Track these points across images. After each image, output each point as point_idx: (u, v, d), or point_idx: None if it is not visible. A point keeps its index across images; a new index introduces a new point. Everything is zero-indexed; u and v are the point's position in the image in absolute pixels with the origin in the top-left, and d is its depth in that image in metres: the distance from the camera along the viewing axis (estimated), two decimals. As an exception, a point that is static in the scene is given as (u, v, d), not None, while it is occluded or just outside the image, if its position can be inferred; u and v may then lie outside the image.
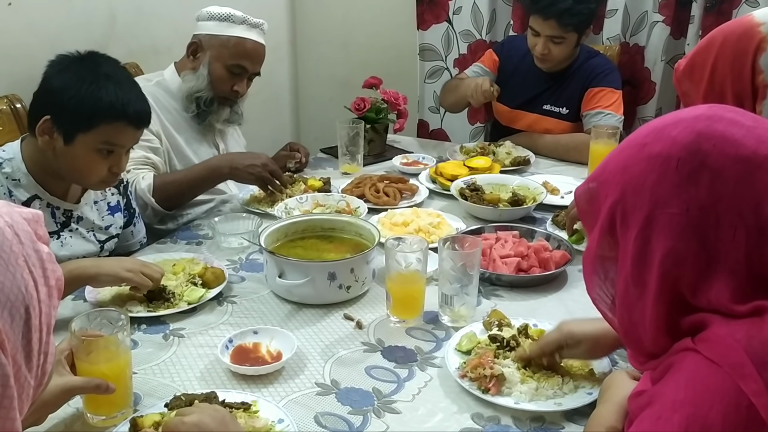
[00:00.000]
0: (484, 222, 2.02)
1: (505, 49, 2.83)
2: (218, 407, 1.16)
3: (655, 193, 0.84)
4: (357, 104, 2.65)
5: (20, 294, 0.65)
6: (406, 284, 1.54)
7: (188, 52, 2.23)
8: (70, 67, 1.61)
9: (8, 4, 2.21)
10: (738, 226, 0.81)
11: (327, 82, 3.71)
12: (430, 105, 3.44)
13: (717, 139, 0.82)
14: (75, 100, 1.56)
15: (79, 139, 1.58)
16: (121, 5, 2.60)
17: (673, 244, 0.83)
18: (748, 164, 0.81)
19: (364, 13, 3.57)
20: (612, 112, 2.58)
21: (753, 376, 0.76)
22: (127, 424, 1.19)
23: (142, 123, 1.65)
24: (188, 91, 2.20)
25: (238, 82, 2.22)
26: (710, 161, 0.81)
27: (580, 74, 2.65)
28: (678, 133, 0.84)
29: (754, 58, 1.29)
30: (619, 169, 0.89)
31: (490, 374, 1.30)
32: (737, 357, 0.77)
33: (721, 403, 0.77)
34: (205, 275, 1.67)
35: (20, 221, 0.68)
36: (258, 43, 2.22)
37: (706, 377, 0.79)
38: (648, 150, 0.86)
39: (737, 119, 0.84)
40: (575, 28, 2.50)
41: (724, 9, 2.84)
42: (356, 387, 1.35)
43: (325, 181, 2.28)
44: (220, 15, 2.18)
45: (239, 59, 2.19)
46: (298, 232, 1.80)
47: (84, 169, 1.63)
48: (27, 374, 0.67)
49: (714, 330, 0.81)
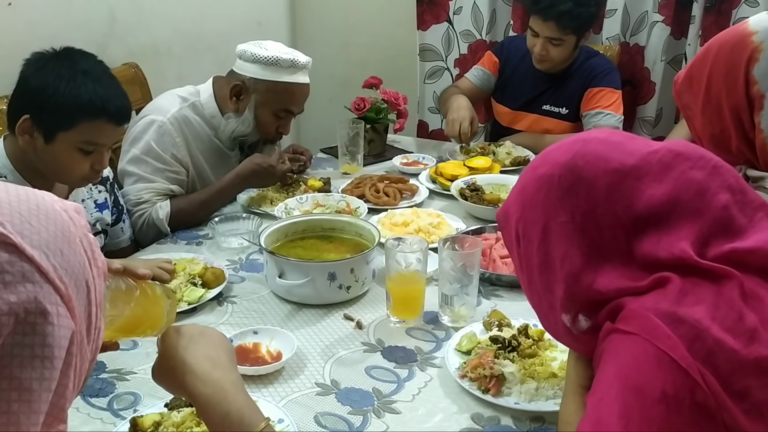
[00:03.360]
0: (484, 222, 2.02)
1: (505, 49, 2.83)
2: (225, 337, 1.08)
3: (546, 207, 0.98)
4: (357, 104, 2.65)
5: (81, 269, 0.68)
6: (406, 284, 1.54)
7: (231, 92, 2.13)
8: (47, 65, 1.59)
9: (8, 4, 2.21)
10: (616, 226, 0.94)
11: (327, 82, 3.70)
12: (429, 105, 3.44)
13: (590, 156, 0.97)
14: (54, 99, 1.54)
15: (60, 137, 1.57)
16: (121, 5, 2.60)
17: (567, 248, 0.96)
18: (616, 174, 0.94)
19: (364, 13, 3.57)
20: (612, 112, 2.58)
21: (667, 334, 0.85)
22: (127, 424, 1.19)
23: (122, 120, 1.64)
24: (232, 134, 2.17)
25: (283, 125, 2.21)
26: (584, 174, 0.96)
27: (580, 74, 2.65)
28: (559, 155, 0.99)
29: (747, 69, 1.28)
30: (519, 191, 1.04)
31: (490, 374, 1.30)
32: (650, 322, 0.87)
33: (646, 365, 0.85)
34: (205, 275, 1.67)
35: (70, 209, 0.72)
36: (305, 84, 2.17)
37: (628, 348, 0.88)
38: (538, 171, 1.01)
39: (608, 138, 1.00)
40: (574, 31, 2.50)
41: (724, 9, 2.84)
42: (356, 387, 1.35)
43: (325, 181, 2.28)
44: (267, 59, 2.08)
45: (287, 104, 2.16)
46: (298, 232, 1.80)
47: (66, 167, 1.62)
48: (86, 347, 0.70)
49: (627, 307, 0.91)
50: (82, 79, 1.56)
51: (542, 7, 2.48)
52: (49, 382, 0.63)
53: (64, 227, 0.68)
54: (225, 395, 0.95)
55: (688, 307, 0.87)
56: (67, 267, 0.66)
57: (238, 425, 0.93)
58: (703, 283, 0.89)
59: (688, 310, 0.86)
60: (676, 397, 0.83)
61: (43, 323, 0.63)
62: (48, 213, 0.67)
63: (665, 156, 0.95)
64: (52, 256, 0.65)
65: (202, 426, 1.16)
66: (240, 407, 0.94)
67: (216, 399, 0.94)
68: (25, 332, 0.62)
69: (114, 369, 1.38)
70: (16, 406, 0.61)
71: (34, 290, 0.63)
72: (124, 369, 1.39)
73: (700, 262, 0.89)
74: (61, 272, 0.65)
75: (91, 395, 1.31)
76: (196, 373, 0.96)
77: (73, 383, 0.68)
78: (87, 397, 1.31)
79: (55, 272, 0.65)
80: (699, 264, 0.89)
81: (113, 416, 1.26)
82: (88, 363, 0.72)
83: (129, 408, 1.28)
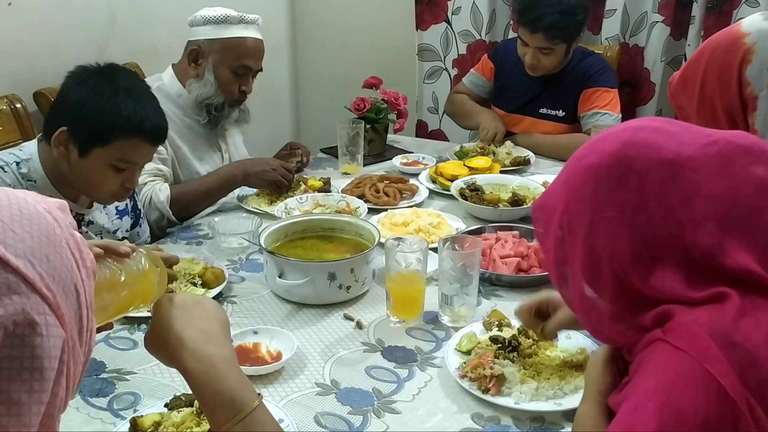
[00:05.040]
0: (484, 222, 2.02)
1: (499, 54, 2.83)
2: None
3: (593, 200, 0.92)
4: (357, 104, 2.65)
5: (69, 273, 0.67)
6: (406, 284, 1.54)
7: (189, 59, 2.20)
8: (89, 79, 1.60)
9: (8, 4, 2.21)
10: (671, 222, 0.87)
11: (327, 82, 3.71)
12: (428, 105, 3.44)
13: (641, 146, 0.90)
14: (93, 114, 1.55)
15: (94, 152, 1.58)
16: (121, 5, 2.60)
17: (616, 244, 0.90)
18: (671, 165, 0.88)
19: (364, 13, 3.57)
20: (609, 111, 2.58)
21: (718, 358, 0.80)
22: (127, 424, 1.19)
23: (158, 139, 1.65)
24: (197, 99, 2.19)
25: (244, 82, 2.22)
26: (635, 165, 0.89)
27: (575, 76, 2.65)
28: (607, 145, 0.93)
29: (739, 71, 1.28)
30: (563, 182, 0.98)
31: (490, 374, 1.30)
32: (702, 341, 0.81)
33: (691, 387, 0.80)
34: (205, 275, 1.67)
35: (54, 208, 0.70)
36: (257, 39, 2.22)
37: (674, 364, 0.83)
38: (584, 162, 0.94)
39: (661, 127, 0.93)
40: (563, 40, 2.51)
41: (725, 9, 2.83)
42: (356, 387, 1.35)
43: (325, 181, 2.28)
44: (216, 18, 2.16)
45: (243, 59, 2.19)
46: (298, 232, 1.80)
47: (96, 182, 1.63)
48: (79, 350, 0.69)
49: (678, 318, 0.85)
50: (122, 96, 1.57)
51: (530, 20, 2.49)
52: (39, 395, 0.62)
53: (49, 231, 0.66)
54: (217, 373, 0.92)
55: (746, 331, 0.81)
56: (54, 273, 0.65)
57: (230, 404, 0.91)
58: (764, 304, 0.83)
59: (745, 334, 0.81)
60: (718, 425, 0.78)
61: (32, 335, 0.61)
62: (32, 217, 0.66)
63: (724, 148, 0.89)
64: (38, 263, 0.63)
65: (202, 426, 1.16)
66: (232, 386, 0.92)
67: (208, 377, 0.92)
68: (14, 344, 0.60)
69: (114, 369, 1.39)
70: (5, 420, 0.60)
71: (21, 302, 0.61)
72: (124, 369, 1.39)
73: (763, 277, 0.84)
74: (48, 280, 0.64)
75: (91, 395, 1.31)
76: (188, 347, 0.93)
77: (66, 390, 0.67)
78: (87, 397, 1.30)
79: (41, 281, 0.63)
80: (763, 280, 0.84)
81: (113, 416, 1.26)
82: (82, 365, 0.71)
83: (129, 408, 1.28)
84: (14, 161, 1.64)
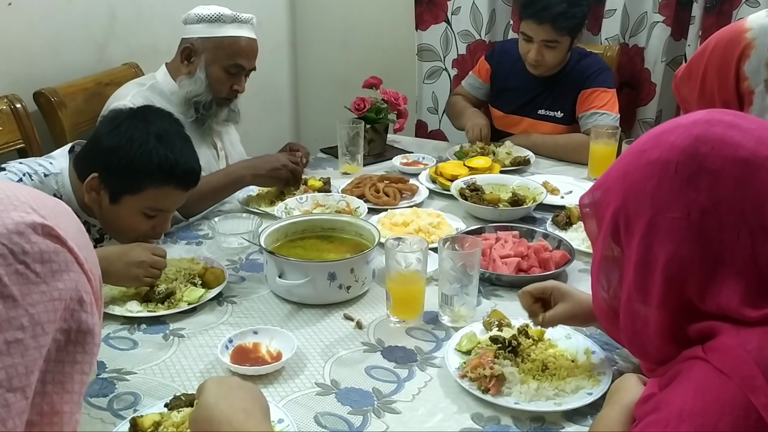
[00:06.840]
0: (484, 222, 2.02)
1: (496, 55, 2.83)
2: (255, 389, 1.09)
3: (655, 199, 0.84)
4: (357, 104, 2.65)
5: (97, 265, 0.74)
6: (406, 284, 1.54)
7: (181, 57, 2.20)
8: (121, 125, 1.59)
9: (8, 4, 2.21)
10: (741, 228, 0.80)
11: (327, 82, 3.71)
12: (428, 105, 3.44)
13: (715, 142, 0.82)
14: (123, 162, 1.55)
15: (125, 200, 1.58)
16: (121, 5, 2.60)
17: (676, 248, 0.83)
18: (747, 165, 0.80)
19: (364, 13, 3.57)
20: (607, 111, 2.58)
21: (763, 389, 0.75)
22: (127, 424, 1.19)
23: (190, 185, 1.65)
24: (186, 96, 2.19)
25: (236, 81, 2.22)
26: (708, 164, 0.81)
27: (573, 76, 2.65)
28: (675, 138, 0.85)
29: (738, 65, 1.28)
30: (621, 177, 0.90)
31: (490, 374, 1.30)
32: (748, 369, 0.77)
33: (730, 416, 0.76)
34: (205, 275, 1.67)
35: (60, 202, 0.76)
36: (251, 38, 2.22)
37: (715, 388, 0.78)
38: (647, 156, 0.86)
39: (736, 122, 0.84)
40: (569, 32, 2.51)
41: (725, 10, 2.83)
42: (356, 387, 1.35)
43: (325, 181, 2.28)
44: (210, 16, 2.16)
45: (236, 58, 2.18)
46: (298, 232, 1.80)
47: (127, 228, 1.64)
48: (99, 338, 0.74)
49: (724, 339, 0.80)
50: (154, 143, 1.57)
51: (536, 10, 2.48)
52: (81, 366, 0.69)
53: (81, 227, 0.74)
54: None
55: None
56: (92, 262, 0.72)
57: None
58: None
59: None
60: None
61: (80, 311, 0.68)
62: (68, 213, 0.73)
63: None
64: (83, 249, 0.71)
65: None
66: None
67: None
68: (65, 318, 0.67)
69: (114, 369, 1.38)
70: (50, 387, 0.66)
71: (75, 279, 0.68)
72: (124, 369, 1.39)
73: None
74: (90, 265, 0.71)
75: (91, 395, 1.31)
76: (231, 423, 0.96)
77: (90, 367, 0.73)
78: (87, 397, 1.30)
79: (87, 263, 0.70)
80: None
81: (113, 416, 1.26)
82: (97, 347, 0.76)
83: (129, 408, 1.28)
84: (43, 173, 1.64)
